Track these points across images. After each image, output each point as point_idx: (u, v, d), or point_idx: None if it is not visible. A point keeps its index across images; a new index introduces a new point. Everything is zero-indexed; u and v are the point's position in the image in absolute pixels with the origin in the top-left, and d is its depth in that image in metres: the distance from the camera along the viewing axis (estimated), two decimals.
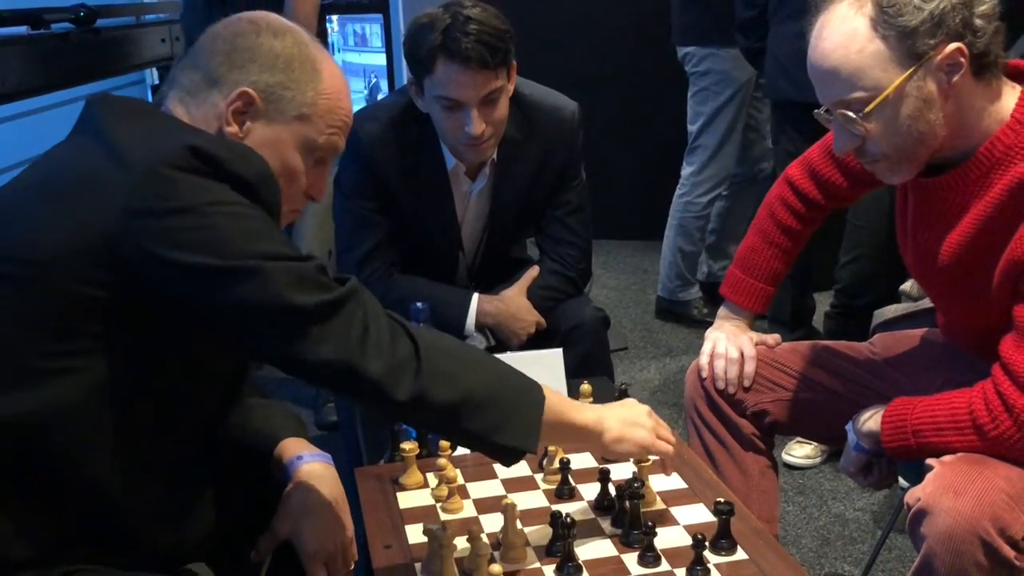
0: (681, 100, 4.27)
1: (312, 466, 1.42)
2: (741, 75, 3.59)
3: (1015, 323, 1.44)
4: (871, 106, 1.44)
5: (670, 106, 4.59)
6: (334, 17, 7.20)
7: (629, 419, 1.43)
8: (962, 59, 1.41)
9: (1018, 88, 1.49)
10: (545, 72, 2.40)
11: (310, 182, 1.34)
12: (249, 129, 1.28)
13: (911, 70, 1.41)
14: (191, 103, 1.29)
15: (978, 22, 1.41)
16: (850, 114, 1.46)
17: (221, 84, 1.27)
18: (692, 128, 3.78)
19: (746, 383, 1.80)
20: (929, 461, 1.47)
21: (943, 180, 1.52)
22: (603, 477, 1.54)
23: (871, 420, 1.56)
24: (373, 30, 6.78)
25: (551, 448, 1.61)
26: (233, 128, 1.27)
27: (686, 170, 3.83)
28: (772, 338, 1.88)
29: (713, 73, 3.64)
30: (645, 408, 1.47)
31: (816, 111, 1.54)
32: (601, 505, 1.53)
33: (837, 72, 1.45)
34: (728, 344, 1.82)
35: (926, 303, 1.93)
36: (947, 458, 1.45)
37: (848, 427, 1.61)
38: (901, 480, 2.59)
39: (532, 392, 1.32)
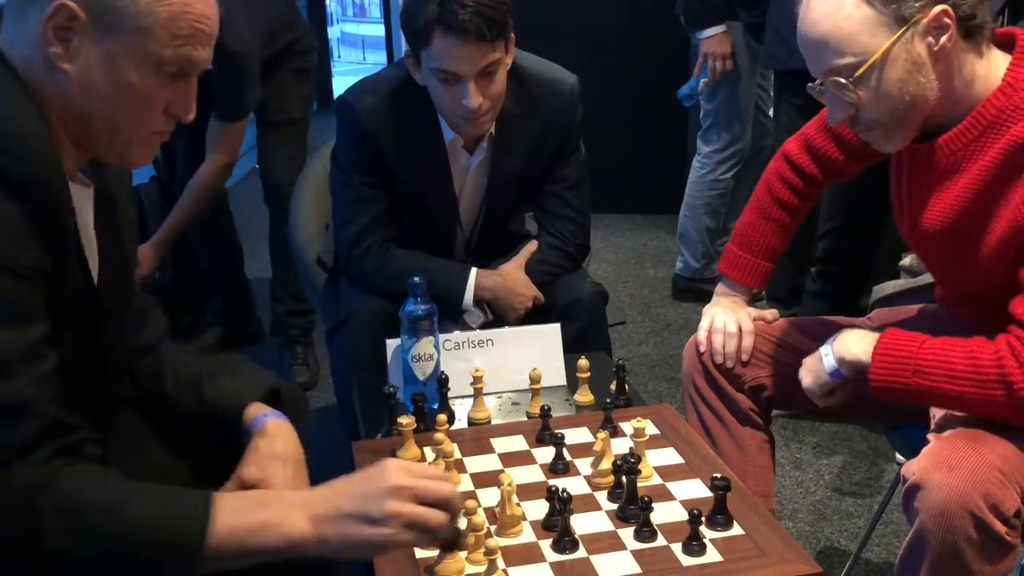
0: (682, 73, 4.24)
1: (277, 422, 1.42)
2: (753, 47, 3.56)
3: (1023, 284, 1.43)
4: (861, 70, 1.46)
5: (670, 79, 4.57)
6: None
7: (358, 511, 1.14)
8: (948, 20, 1.43)
9: (1009, 56, 1.50)
10: (544, 44, 2.38)
11: (170, 99, 1.23)
12: (78, 47, 1.16)
13: (899, 33, 1.43)
14: (14, 29, 1.18)
15: None
16: (841, 80, 1.48)
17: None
18: (709, 106, 3.74)
19: (744, 357, 1.80)
20: (928, 436, 1.47)
21: (935, 144, 1.53)
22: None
23: (856, 347, 1.53)
24: (372, 0, 6.75)
25: (597, 447, 1.54)
26: (57, 48, 1.15)
27: (705, 148, 3.80)
28: (770, 313, 1.89)
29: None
30: (390, 482, 1.15)
31: (809, 85, 1.56)
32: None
33: (826, 40, 1.47)
34: (726, 318, 1.82)
35: (925, 279, 1.93)
36: (945, 433, 1.46)
37: (825, 350, 1.58)
38: (898, 455, 2.61)
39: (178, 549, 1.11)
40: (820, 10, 1.47)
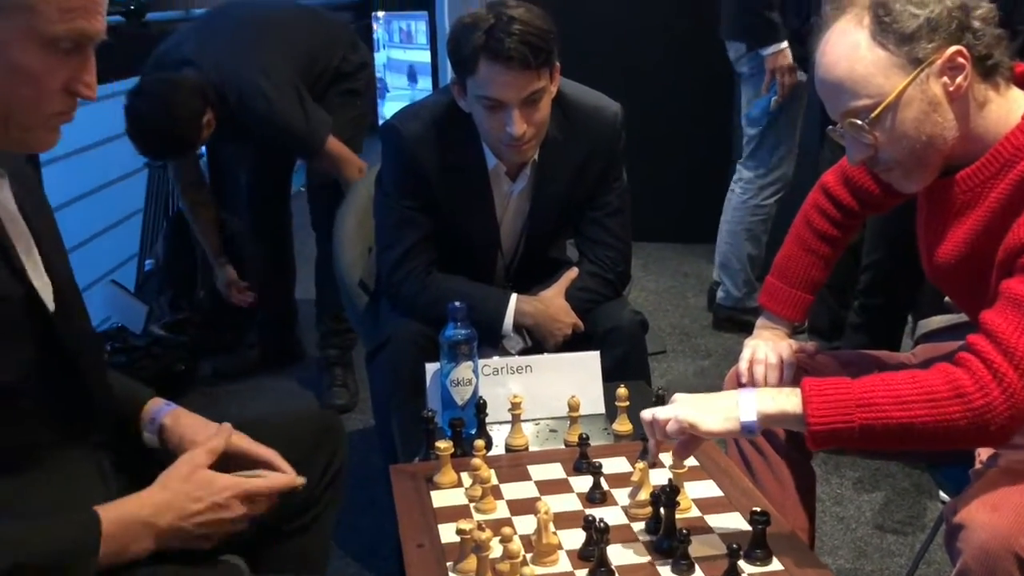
0: (724, 101, 4.24)
1: (179, 409, 1.45)
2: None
3: (1001, 296, 1.40)
4: (876, 112, 1.46)
5: (713, 108, 4.58)
6: (380, 14, 7.22)
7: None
8: (962, 60, 1.44)
9: None
10: (588, 72, 2.40)
11: (69, 77, 1.14)
12: None
13: (913, 75, 1.44)
14: None
15: (976, 24, 1.45)
16: (858, 122, 1.48)
17: None
18: (752, 131, 3.71)
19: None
20: (972, 474, 1.45)
21: (953, 180, 1.53)
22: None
23: (776, 401, 1.44)
24: (418, 27, 6.84)
25: (635, 478, 1.53)
26: None
27: (748, 173, 3.76)
28: (811, 345, 1.87)
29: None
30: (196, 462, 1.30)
31: (829, 128, 1.56)
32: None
33: (842, 83, 1.48)
34: (768, 350, 1.81)
35: None
36: (989, 472, 1.43)
37: (746, 401, 1.45)
38: (941, 493, 2.57)
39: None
40: (835, 53, 1.48)
